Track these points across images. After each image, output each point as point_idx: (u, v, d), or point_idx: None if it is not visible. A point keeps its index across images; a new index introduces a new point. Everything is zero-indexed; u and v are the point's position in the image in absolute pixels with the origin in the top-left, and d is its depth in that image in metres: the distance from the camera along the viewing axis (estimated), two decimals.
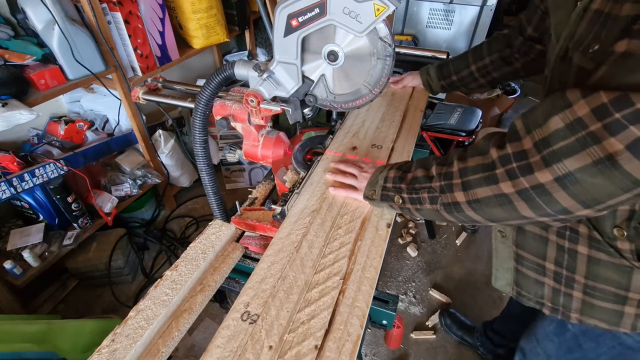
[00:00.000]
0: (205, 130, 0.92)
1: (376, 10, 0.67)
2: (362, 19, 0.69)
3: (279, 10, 0.71)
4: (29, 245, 1.64)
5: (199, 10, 1.92)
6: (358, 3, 0.67)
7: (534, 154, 0.50)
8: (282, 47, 0.76)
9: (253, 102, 0.86)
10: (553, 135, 0.48)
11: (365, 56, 0.78)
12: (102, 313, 1.79)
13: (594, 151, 0.45)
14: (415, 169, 0.69)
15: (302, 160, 0.99)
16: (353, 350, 0.57)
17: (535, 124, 0.50)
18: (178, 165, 2.21)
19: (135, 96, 1.08)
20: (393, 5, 0.66)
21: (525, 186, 0.51)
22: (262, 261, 0.70)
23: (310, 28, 0.72)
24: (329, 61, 0.80)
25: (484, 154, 0.57)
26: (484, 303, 1.84)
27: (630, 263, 0.63)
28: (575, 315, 0.74)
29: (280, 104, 0.85)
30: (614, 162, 0.44)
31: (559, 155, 0.47)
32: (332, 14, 0.70)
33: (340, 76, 0.82)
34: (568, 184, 0.47)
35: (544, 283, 0.77)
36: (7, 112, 1.31)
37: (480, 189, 0.56)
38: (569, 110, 0.47)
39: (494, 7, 2.22)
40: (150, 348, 0.62)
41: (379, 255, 0.71)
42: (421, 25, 2.49)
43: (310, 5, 0.69)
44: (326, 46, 0.78)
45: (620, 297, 0.67)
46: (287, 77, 0.82)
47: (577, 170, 0.46)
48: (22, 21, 1.46)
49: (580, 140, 0.45)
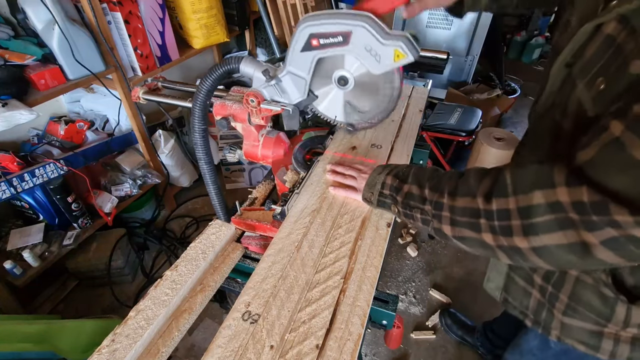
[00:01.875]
0: (205, 119, 0.89)
1: (396, 56, 0.68)
2: (381, 60, 0.70)
3: (302, 26, 0.71)
4: (29, 245, 1.64)
5: (199, 10, 1.92)
6: (381, 44, 0.68)
7: (516, 217, 0.51)
8: (296, 60, 0.77)
9: (253, 102, 0.86)
10: (534, 208, 0.49)
11: (374, 85, 0.79)
12: (102, 313, 1.79)
13: (570, 235, 0.46)
14: (411, 182, 0.68)
15: (302, 160, 0.99)
16: (354, 349, 0.57)
17: (521, 190, 0.51)
18: (178, 165, 2.21)
19: (135, 96, 1.08)
20: (412, 56, 0.67)
21: (504, 244, 0.53)
22: (262, 261, 0.70)
23: (328, 52, 0.73)
24: (339, 85, 0.81)
25: (472, 197, 0.57)
26: (484, 303, 1.84)
27: (614, 293, 0.63)
28: (555, 332, 0.74)
29: (280, 104, 0.85)
30: (588, 250, 0.46)
31: (537, 229, 0.48)
32: (354, 46, 0.70)
33: (353, 99, 0.84)
34: (543, 254, 0.50)
35: (531, 294, 0.77)
36: (7, 112, 1.31)
37: (466, 230, 0.57)
38: (552, 191, 0.47)
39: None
40: (150, 348, 0.62)
41: (379, 255, 0.71)
42: (421, 25, 2.49)
43: (335, 32, 0.70)
44: (337, 71, 0.79)
45: (600, 324, 0.67)
46: (294, 88, 0.82)
47: (553, 246, 0.48)
48: (22, 21, 1.46)
49: (559, 221, 0.47)
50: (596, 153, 0.46)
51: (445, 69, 1.43)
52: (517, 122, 3.28)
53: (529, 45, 4.27)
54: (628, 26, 0.48)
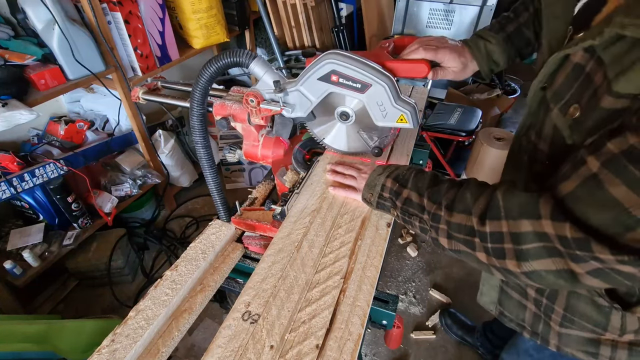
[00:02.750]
0: (204, 109, 0.85)
1: (400, 119, 0.76)
2: (387, 117, 0.77)
3: (327, 59, 0.74)
4: (29, 245, 1.64)
5: (199, 10, 1.92)
6: (392, 105, 0.75)
7: (508, 241, 0.52)
8: (310, 85, 0.79)
9: (253, 102, 0.86)
10: (523, 236, 0.50)
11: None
12: (102, 313, 1.79)
13: (558, 262, 0.48)
14: (410, 188, 0.68)
15: (302, 160, 0.99)
16: (354, 349, 0.57)
17: (510, 215, 0.52)
18: (178, 165, 2.21)
19: (135, 96, 1.08)
20: (411, 126, 0.76)
21: (497, 265, 0.54)
22: (262, 261, 0.70)
23: (342, 91, 0.77)
24: (341, 120, 0.86)
25: (468, 215, 0.57)
26: None
27: (608, 302, 0.63)
28: (554, 342, 0.75)
29: (281, 104, 0.85)
30: (575, 278, 0.47)
31: (527, 256, 0.50)
32: (368, 96, 0.75)
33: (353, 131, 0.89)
34: (534, 278, 0.51)
35: (526, 307, 0.77)
36: (7, 112, 1.31)
37: (461, 245, 0.59)
38: (538, 222, 0.49)
39: (494, 7, 2.22)
40: (150, 348, 0.62)
41: (379, 255, 0.71)
42: (421, 25, 2.49)
43: (357, 79, 0.74)
44: (339, 107, 0.84)
45: (598, 332, 0.67)
46: (298, 106, 0.84)
47: (543, 271, 0.49)
48: (22, 21, 1.46)
49: (547, 249, 0.48)
50: (576, 187, 0.47)
51: None
52: (517, 122, 3.27)
53: None
54: (595, 56, 0.49)
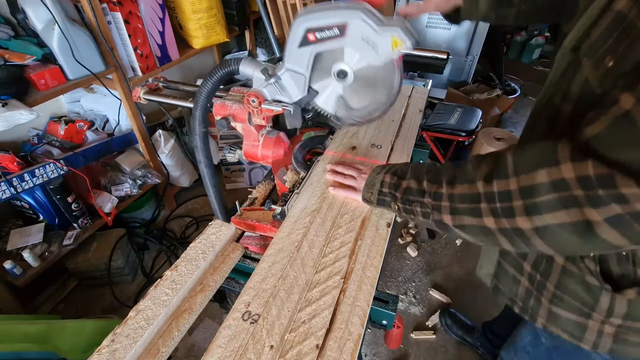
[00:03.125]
0: (206, 122, 0.90)
1: (394, 44, 0.68)
2: (379, 50, 0.69)
3: (298, 21, 0.70)
4: (29, 245, 1.64)
5: (199, 10, 1.92)
6: (377, 34, 0.67)
7: (517, 197, 0.50)
8: (294, 57, 0.76)
9: (254, 103, 0.86)
10: (537, 188, 0.48)
11: (373, 77, 0.77)
12: (102, 313, 1.79)
13: (573, 213, 0.45)
14: (409, 178, 0.68)
15: (302, 160, 0.99)
16: (354, 349, 0.57)
17: (523, 169, 0.50)
18: (178, 165, 2.21)
19: (136, 96, 1.08)
20: (410, 43, 0.67)
21: (506, 227, 0.52)
22: (262, 261, 0.70)
23: (325, 45, 0.72)
24: (338, 78, 0.80)
25: (471, 183, 0.56)
26: (484, 303, 1.84)
27: (599, 282, 0.63)
28: (541, 320, 0.75)
29: (282, 104, 0.85)
30: (591, 229, 0.45)
31: (540, 209, 0.48)
32: (351, 38, 0.70)
33: (352, 93, 0.82)
34: (546, 235, 0.49)
35: (520, 282, 0.77)
36: (7, 112, 1.31)
37: (466, 217, 0.57)
38: (556, 169, 0.47)
39: None
40: (150, 348, 0.62)
41: (379, 255, 0.71)
42: (421, 25, 2.49)
43: (331, 24, 0.69)
44: (336, 64, 0.78)
45: (585, 313, 0.67)
46: (294, 86, 0.81)
47: (556, 225, 0.47)
48: (22, 21, 1.46)
49: (562, 199, 0.46)
50: (605, 127, 0.45)
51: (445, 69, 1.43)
52: (517, 122, 3.28)
53: (529, 45, 4.27)
54: (638, 3, 0.47)
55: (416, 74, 1.54)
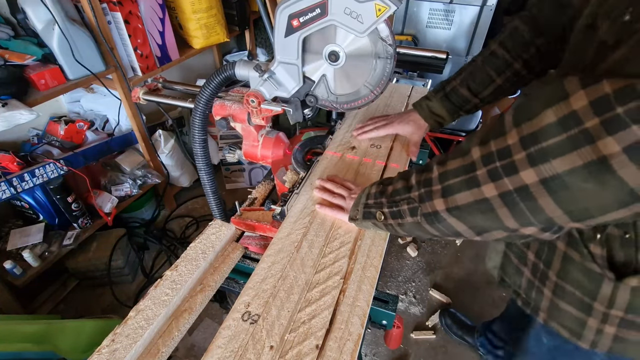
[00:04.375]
0: (205, 129, 0.92)
1: (377, 10, 0.67)
2: (364, 19, 0.69)
3: (279, 11, 0.71)
4: (29, 245, 1.64)
5: (199, 10, 1.92)
6: (359, 3, 0.67)
7: (519, 150, 0.44)
8: (283, 48, 0.76)
9: (254, 103, 0.86)
10: (543, 131, 0.42)
11: (367, 56, 0.78)
12: (102, 313, 1.79)
13: (585, 152, 0.39)
14: (396, 181, 0.65)
15: (301, 160, 0.99)
16: (354, 349, 0.57)
17: (526, 116, 0.44)
18: (178, 165, 2.21)
19: (135, 96, 1.08)
20: (394, 6, 0.66)
21: (509, 188, 0.46)
22: (262, 261, 0.70)
23: (311, 28, 0.72)
24: (330, 61, 0.79)
25: (465, 154, 0.51)
26: (484, 303, 1.84)
27: (601, 270, 0.60)
28: (543, 315, 0.74)
29: (281, 104, 0.85)
30: (607, 166, 0.38)
31: (547, 154, 0.42)
32: (333, 14, 0.69)
33: (342, 76, 0.82)
34: (555, 188, 0.42)
35: (523, 273, 0.76)
36: (7, 112, 1.31)
37: (461, 195, 0.52)
38: (564, 103, 0.41)
39: (494, 7, 2.22)
40: (150, 348, 0.62)
41: (379, 255, 0.72)
42: (421, 25, 2.49)
43: (311, 5, 0.69)
44: (327, 46, 0.78)
45: (585, 305, 0.65)
46: (288, 78, 0.81)
47: (566, 173, 0.41)
48: (22, 21, 1.46)
49: (572, 138, 0.40)
50: (625, 51, 0.40)
51: (445, 69, 1.43)
52: None
53: None
54: None
55: (416, 73, 1.54)
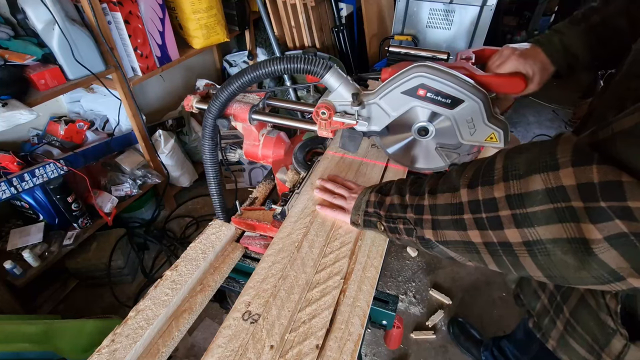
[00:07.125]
0: (216, 122, 0.89)
1: (489, 137, 0.72)
2: (475, 134, 0.72)
3: (417, 71, 0.68)
4: (29, 245, 1.64)
5: (199, 10, 1.92)
6: (483, 123, 0.70)
7: (505, 206, 0.44)
8: (392, 98, 0.74)
9: (325, 115, 0.80)
10: (530, 196, 0.42)
11: None
12: (102, 313, 1.79)
13: (570, 228, 0.39)
14: (392, 193, 0.64)
15: (302, 160, 0.99)
16: (354, 349, 0.57)
17: (515, 173, 0.44)
18: (178, 165, 2.21)
19: (188, 105, 1.01)
20: (502, 145, 0.71)
21: (494, 240, 0.46)
22: (263, 261, 0.70)
23: (428, 106, 0.72)
24: (417, 135, 0.81)
25: (454, 191, 0.51)
26: (484, 303, 1.84)
27: (615, 325, 0.59)
28: (552, 343, 0.73)
29: (356, 117, 0.79)
30: (588, 249, 0.38)
31: (532, 220, 0.42)
32: (457, 114, 0.70)
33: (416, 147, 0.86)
34: (537, 253, 0.43)
35: (540, 297, 0.76)
36: (7, 112, 1.31)
37: (449, 232, 0.52)
38: (554, 174, 0.40)
39: (494, 7, 2.22)
40: (150, 348, 0.62)
41: (379, 255, 0.71)
42: (421, 25, 2.49)
43: (448, 94, 0.69)
44: (422, 124, 0.78)
45: (595, 353, 0.64)
46: (374, 119, 0.79)
47: (549, 241, 0.41)
48: (22, 21, 1.46)
49: (559, 211, 0.40)
50: (636, 124, 0.39)
51: None
52: (517, 122, 3.28)
53: None
54: None
55: None
